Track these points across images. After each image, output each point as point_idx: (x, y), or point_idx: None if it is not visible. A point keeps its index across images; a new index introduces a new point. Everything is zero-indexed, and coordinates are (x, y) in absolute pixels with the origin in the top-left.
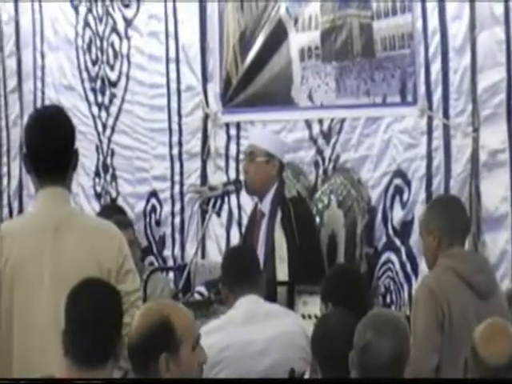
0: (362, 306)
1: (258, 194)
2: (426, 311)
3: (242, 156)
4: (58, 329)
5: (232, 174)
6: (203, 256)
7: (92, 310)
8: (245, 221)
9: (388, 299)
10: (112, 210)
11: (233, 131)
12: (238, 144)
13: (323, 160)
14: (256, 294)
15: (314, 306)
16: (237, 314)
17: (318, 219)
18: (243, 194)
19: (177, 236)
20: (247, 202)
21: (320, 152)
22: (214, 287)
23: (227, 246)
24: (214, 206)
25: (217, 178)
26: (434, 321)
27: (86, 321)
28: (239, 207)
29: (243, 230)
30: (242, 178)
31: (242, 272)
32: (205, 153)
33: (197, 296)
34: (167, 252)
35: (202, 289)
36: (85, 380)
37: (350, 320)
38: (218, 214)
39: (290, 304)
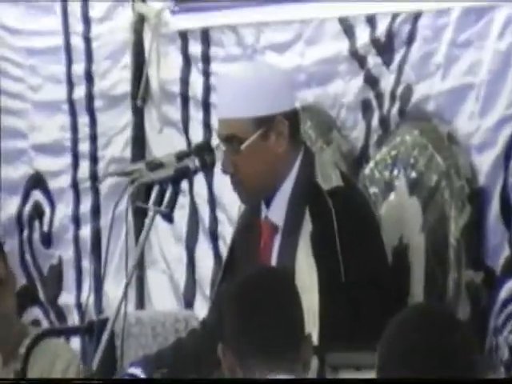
0: None
1: (264, 197)
2: None
3: (214, 98)
4: None
5: (196, 135)
6: (141, 303)
7: None
8: (226, 229)
9: None
10: None
11: (195, 48)
12: (206, 73)
13: (379, 98)
14: (288, 372)
15: None
16: None
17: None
18: (218, 173)
19: (85, 264)
20: (229, 188)
21: (372, 82)
22: (164, 365)
23: (215, 273)
24: (159, 202)
25: (165, 145)
26: None
27: None
28: (212, 201)
29: (224, 250)
30: (214, 142)
31: (266, 326)
32: (139, 93)
33: None
34: (67, 297)
35: (138, 370)
36: (85, 380)
37: None
38: (170, 218)
39: None
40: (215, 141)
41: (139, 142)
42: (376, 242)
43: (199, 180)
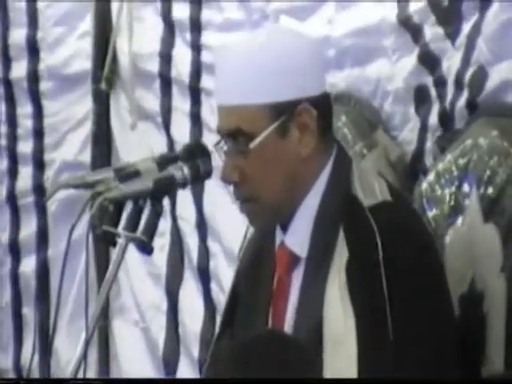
0: None
1: (282, 218)
2: None
3: (207, 81)
4: None
5: (180, 133)
6: (105, 367)
7: None
8: (221, 265)
9: None
10: None
11: (181, 10)
12: (195, 47)
13: (439, 84)
14: None
15: None
16: None
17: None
18: (210, 187)
19: (27, 312)
20: (226, 207)
21: (430, 62)
22: None
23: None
24: (133, 226)
25: (139, 146)
26: None
27: None
28: (202, 226)
29: (218, 293)
30: (209, 140)
31: None
32: (104, 73)
33: None
34: (1, 358)
35: None
36: (84, 380)
37: None
38: (148, 249)
39: None
40: (207, 141)
41: (102, 141)
42: (437, 283)
43: (184, 197)
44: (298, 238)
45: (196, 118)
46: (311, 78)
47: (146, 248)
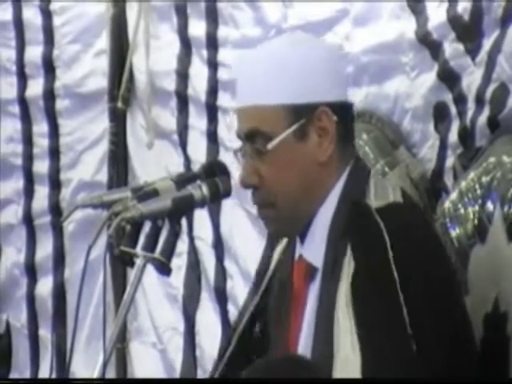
0: None
1: (301, 226)
2: None
3: (224, 99)
4: None
5: (197, 151)
6: None
7: None
8: (238, 286)
9: None
10: None
11: (197, 27)
12: (212, 64)
13: (459, 101)
14: None
15: None
16: None
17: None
18: (227, 207)
19: (44, 333)
20: (242, 227)
21: (450, 79)
22: None
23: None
24: (151, 246)
25: (155, 165)
26: None
27: None
28: (219, 246)
29: (235, 314)
30: (225, 159)
31: None
32: (120, 91)
33: None
34: None
35: None
36: (84, 380)
37: None
38: (166, 270)
39: None
40: (224, 159)
41: (119, 159)
42: (453, 294)
43: (201, 217)
44: (313, 248)
45: (213, 136)
46: (331, 84)
47: (165, 269)
